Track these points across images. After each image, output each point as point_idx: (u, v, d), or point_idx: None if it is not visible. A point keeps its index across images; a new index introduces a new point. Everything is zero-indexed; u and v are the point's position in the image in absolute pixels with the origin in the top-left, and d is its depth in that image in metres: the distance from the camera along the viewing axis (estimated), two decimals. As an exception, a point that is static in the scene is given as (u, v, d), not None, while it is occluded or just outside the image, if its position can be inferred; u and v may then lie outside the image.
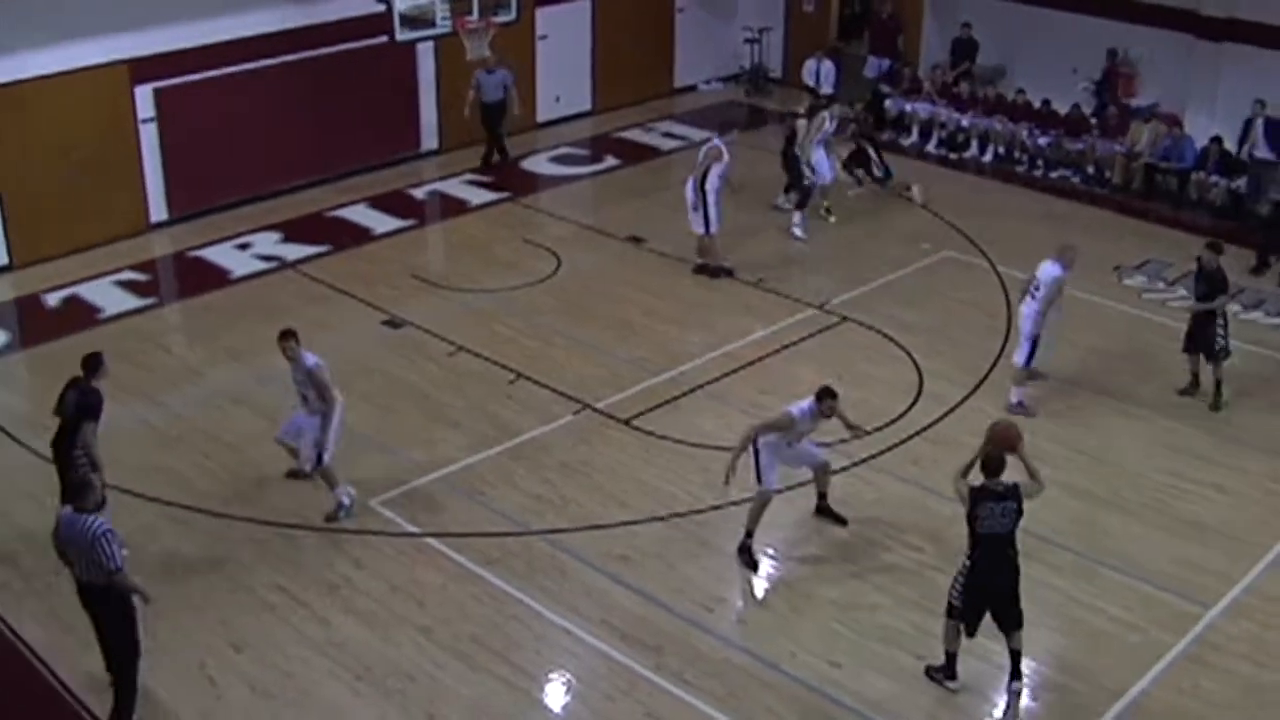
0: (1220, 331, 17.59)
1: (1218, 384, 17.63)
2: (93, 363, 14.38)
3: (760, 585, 14.30)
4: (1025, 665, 12.80)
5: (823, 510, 15.37)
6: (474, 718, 12.34)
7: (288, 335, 14.79)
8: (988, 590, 12.24)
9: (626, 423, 17.17)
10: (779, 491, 14.72)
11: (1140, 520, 15.23)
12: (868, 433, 15.63)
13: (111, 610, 11.88)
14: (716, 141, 21.33)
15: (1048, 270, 17.01)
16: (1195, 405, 17.49)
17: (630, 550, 14.68)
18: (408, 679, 12.76)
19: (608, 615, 13.63)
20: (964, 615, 12.40)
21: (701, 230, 21.03)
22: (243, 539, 14.88)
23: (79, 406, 14.26)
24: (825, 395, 14.29)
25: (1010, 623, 12.28)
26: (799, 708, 12.44)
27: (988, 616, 12.32)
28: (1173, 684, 12.75)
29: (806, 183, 22.95)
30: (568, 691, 12.75)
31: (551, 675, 12.94)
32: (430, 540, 14.87)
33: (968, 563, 12.27)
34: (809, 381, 15.97)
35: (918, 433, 16.89)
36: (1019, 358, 17.36)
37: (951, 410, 17.40)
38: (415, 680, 12.74)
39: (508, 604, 13.81)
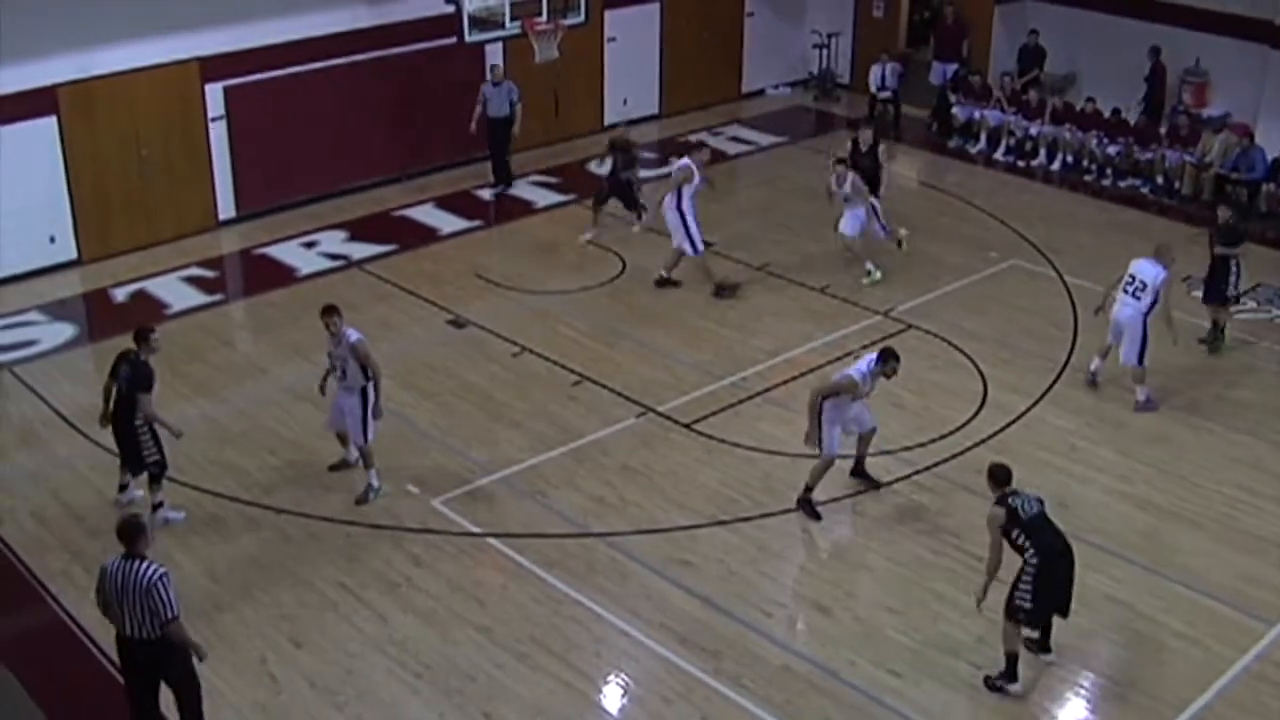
0: (1233, 280, 18.97)
1: (1221, 329, 19.27)
2: (142, 334, 14.71)
3: (820, 592, 14.24)
4: (1085, 678, 12.82)
5: (858, 473, 15.84)
6: (532, 718, 12.35)
7: (331, 311, 15.12)
8: (1061, 587, 12.40)
9: (688, 426, 17.15)
10: (842, 456, 14.99)
11: (1206, 534, 15.08)
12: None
13: (170, 661, 11.21)
14: (686, 161, 21.00)
15: (1150, 272, 17.17)
16: (1268, 421, 17.32)
17: (690, 554, 14.66)
18: (467, 678, 12.78)
19: (666, 619, 13.62)
20: (1035, 618, 12.47)
21: (690, 251, 20.83)
22: (305, 535, 14.97)
23: (131, 381, 14.55)
24: (889, 357, 14.98)
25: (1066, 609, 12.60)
26: (857, 716, 12.38)
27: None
28: (1234, 700, 12.62)
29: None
30: (625, 694, 12.74)
31: (609, 677, 12.93)
32: (491, 540, 14.90)
33: (1032, 567, 12.19)
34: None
35: (981, 442, 16.78)
36: (1132, 358, 17.41)
37: (1016, 419, 17.29)
38: (474, 680, 12.76)
39: (567, 605, 13.82)
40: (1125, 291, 17.34)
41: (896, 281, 20.95)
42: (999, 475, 12.55)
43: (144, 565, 10.83)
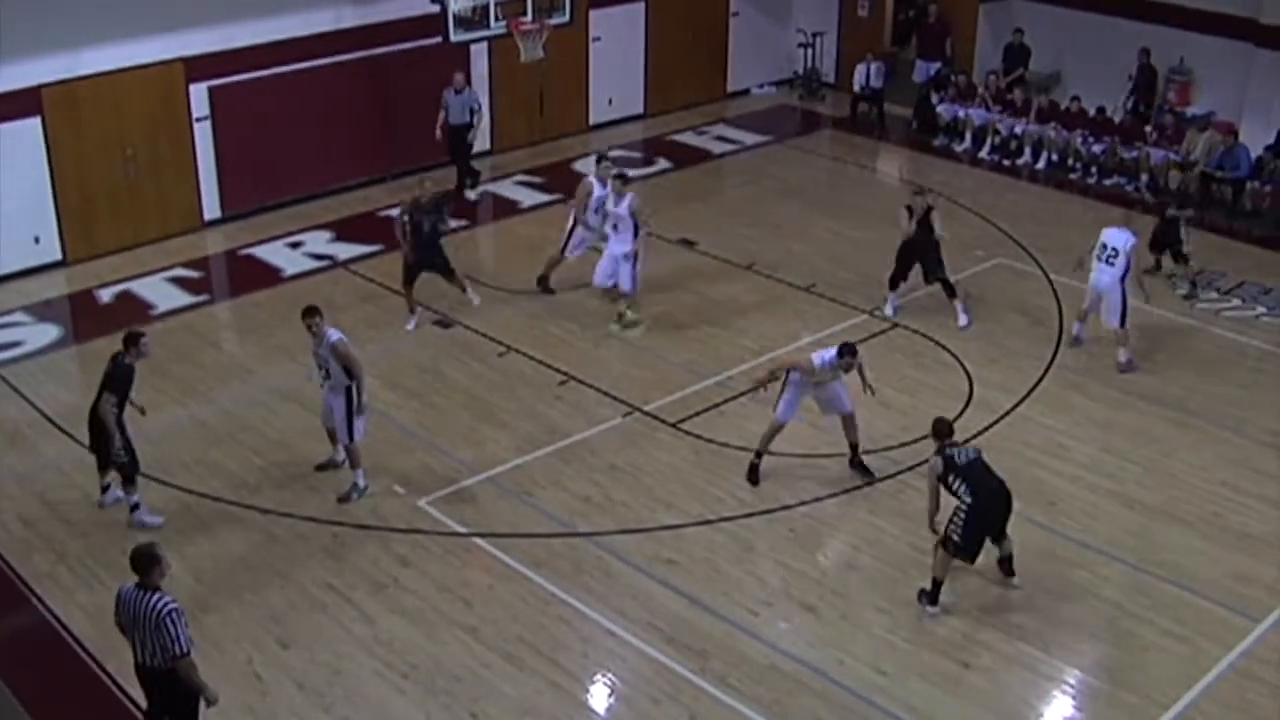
0: (1183, 239, 20.61)
1: (1193, 282, 20.76)
2: (131, 338, 14.69)
3: (808, 591, 14.24)
4: (1073, 675, 12.84)
5: (855, 464, 16.11)
6: (519, 718, 12.34)
7: (312, 312, 15.20)
8: (993, 521, 13.52)
9: (675, 426, 17.15)
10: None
11: (1194, 532, 15.10)
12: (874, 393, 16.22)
13: (174, 699, 11.07)
14: (588, 177, 20.64)
15: (1120, 239, 18.21)
16: (1254, 419, 17.35)
17: (677, 553, 14.66)
18: (453, 679, 12.77)
19: (654, 618, 13.62)
20: (967, 549, 13.44)
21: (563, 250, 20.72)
22: (291, 536, 14.95)
23: (105, 376, 14.61)
24: (846, 352, 15.47)
25: (1002, 536, 13.76)
26: (845, 714, 12.38)
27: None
28: (1221, 698, 12.64)
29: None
30: (612, 694, 12.74)
31: (596, 677, 12.93)
32: (478, 540, 14.89)
33: (966, 506, 13.28)
34: (858, 388, 15.92)
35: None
36: (1114, 321, 18.35)
37: (1002, 418, 17.31)
38: (461, 680, 12.75)
39: (554, 605, 13.81)
40: (1099, 259, 18.34)
41: (882, 280, 20.91)
42: (939, 429, 13.77)
43: (156, 598, 10.60)
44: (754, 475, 16.03)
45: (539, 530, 15.06)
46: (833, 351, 15.48)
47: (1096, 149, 26.02)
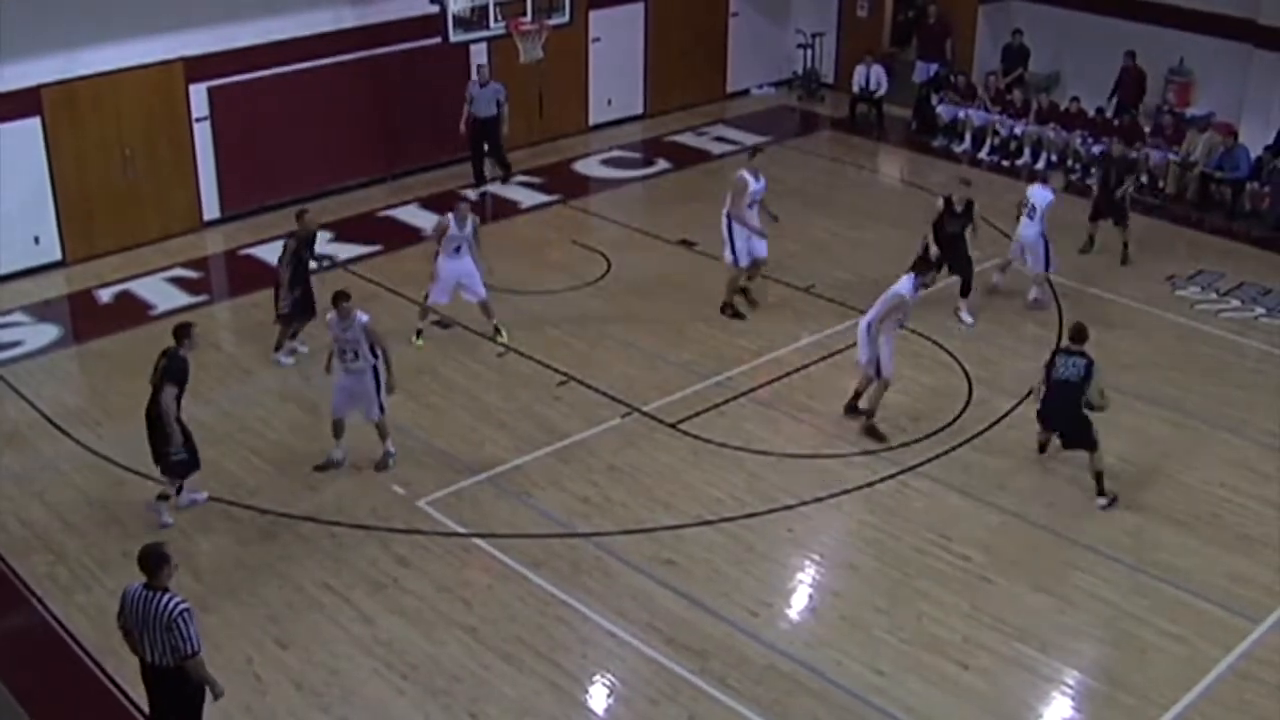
0: (1125, 204, 22.11)
1: (1125, 245, 22.07)
2: (181, 332, 14.87)
3: (806, 592, 14.27)
4: (1071, 677, 12.83)
5: (855, 414, 17.27)
6: (518, 719, 12.34)
7: (344, 296, 15.69)
8: (1050, 420, 15.69)
9: (674, 426, 17.15)
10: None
11: (1192, 533, 15.10)
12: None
13: (180, 698, 10.99)
14: (741, 172, 20.07)
15: (1041, 194, 20.07)
16: (1253, 420, 17.36)
17: (676, 554, 14.66)
18: (453, 679, 12.77)
19: (653, 619, 13.62)
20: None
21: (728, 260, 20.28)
22: (290, 536, 14.95)
23: (164, 371, 14.69)
24: (924, 268, 16.47)
25: (1082, 447, 15.51)
26: (843, 715, 12.38)
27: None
28: (1220, 699, 12.64)
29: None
30: (611, 695, 12.74)
31: (596, 678, 12.93)
32: (477, 541, 14.89)
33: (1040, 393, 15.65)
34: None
35: (966, 441, 16.81)
36: (1040, 267, 20.14)
37: (1002, 418, 17.31)
38: (460, 680, 12.75)
39: (553, 606, 13.81)
40: (1024, 215, 20.14)
41: (880, 281, 20.83)
42: (1074, 333, 15.55)
43: (165, 598, 10.54)
44: (876, 433, 16.79)
45: (538, 531, 15.06)
46: (908, 278, 16.40)
47: (1096, 150, 26.00)
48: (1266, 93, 24.91)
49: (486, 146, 25.28)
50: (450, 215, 18.94)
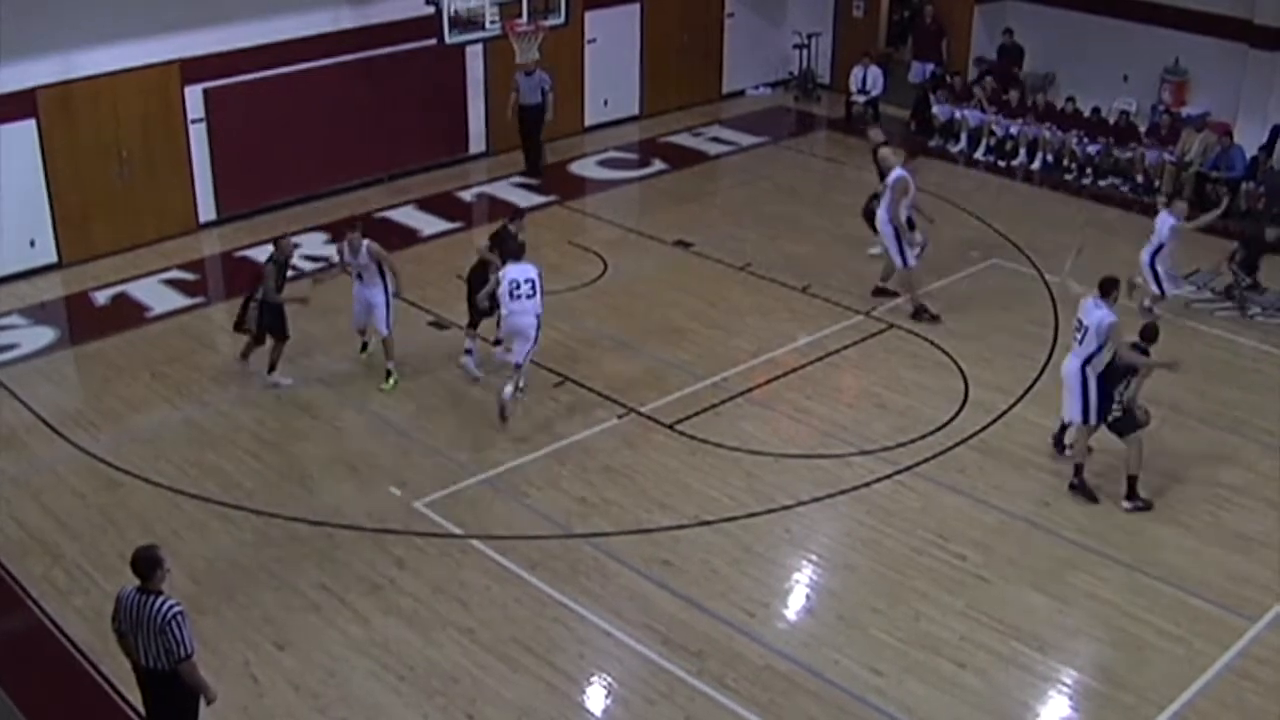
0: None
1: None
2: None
3: (803, 592, 14.26)
4: (1069, 675, 12.84)
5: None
6: (515, 719, 12.34)
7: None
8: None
9: (671, 427, 17.14)
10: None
11: (1190, 532, 15.10)
12: None
13: (174, 701, 10.94)
14: (901, 172, 19.83)
15: (1162, 220, 19.53)
16: (1250, 419, 17.38)
17: (673, 555, 14.66)
18: (450, 680, 12.76)
19: (650, 619, 13.61)
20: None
21: (898, 263, 20.17)
22: (287, 537, 14.94)
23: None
24: (1110, 286, 15.71)
25: (1117, 431, 15.55)
26: (840, 715, 12.38)
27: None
28: (1217, 697, 12.64)
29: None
30: (609, 695, 12.73)
31: (593, 678, 12.92)
32: (474, 542, 14.87)
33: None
34: (854, 388, 15.97)
35: (963, 441, 16.81)
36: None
37: (998, 418, 17.32)
38: (457, 681, 12.74)
39: (550, 606, 13.81)
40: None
41: (873, 278, 20.90)
42: (1145, 333, 15.61)
43: (159, 602, 10.48)
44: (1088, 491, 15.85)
45: (535, 532, 15.05)
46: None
47: (1092, 149, 26.04)
48: (1262, 92, 24.91)
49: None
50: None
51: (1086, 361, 15.42)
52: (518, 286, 16.96)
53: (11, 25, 20.08)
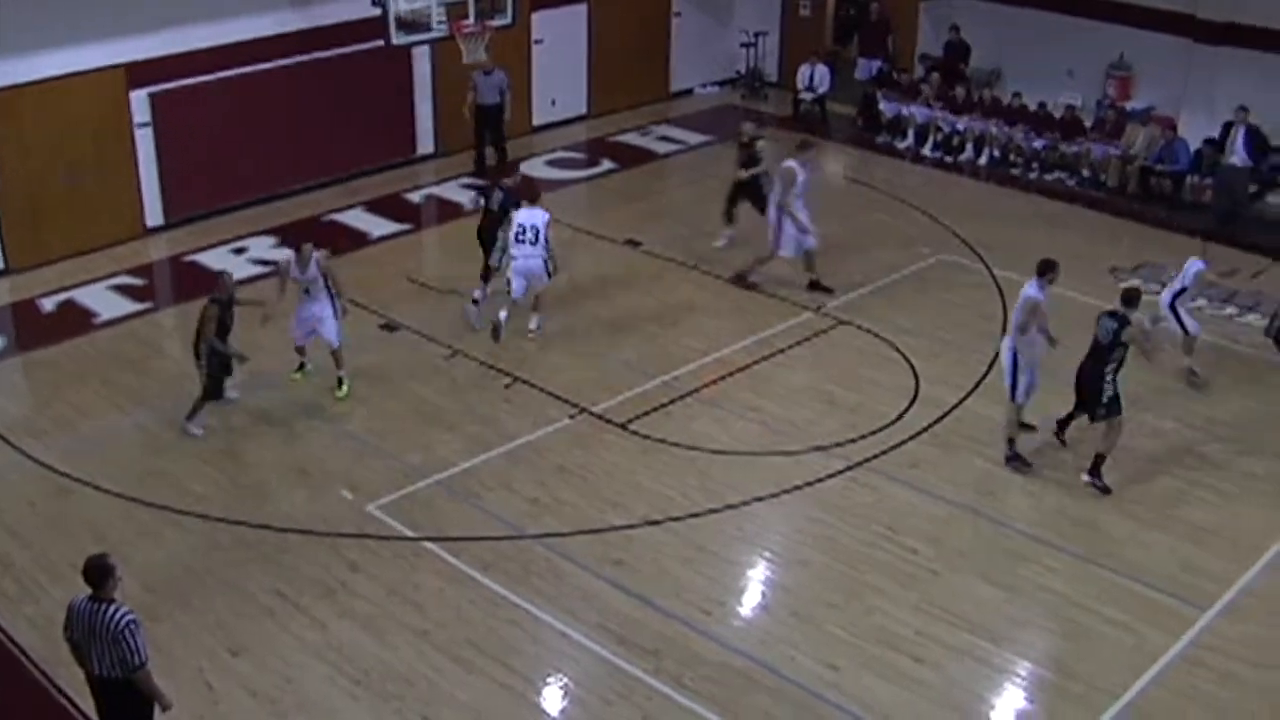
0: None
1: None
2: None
3: (758, 589, 14.31)
4: (1021, 667, 12.92)
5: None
6: (471, 722, 12.36)
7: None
8: (1079, 378, 15.83)
9: (623, 426, 17.16)
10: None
11: (1141, 523, 15.22)
12: None
13: (128, 709, 10.89)
14: (790, 162, 20.32)
15: (1191, 266, 18.45)
16: (1199, 411, 17.51)
17: (626, 554, 14.67)
18: (405, 683, 12.74)
19: (605, 619, 13.62)
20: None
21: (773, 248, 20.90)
22: (239, 543, 14.87)
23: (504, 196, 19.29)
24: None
25: (1090, 413, 15.83)
26: (797, 711, 12.42)
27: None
28: (1169, 685, 12.75)
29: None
30: (565, 695, 12.74)
31: (549, 679, 12.92)
32: (427, 544, 14.85)
33: None
34: (804, 386, 16.02)
35: (914, 436, 16.89)
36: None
37: (948, 413, 17.40)
38: (413, 684, 12.72)
39: (505, 608, 13.80)
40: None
41: (827, 277, 20.95)
42: (1125, 297, 15.72)
43: (112, 610, 10.43)
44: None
45: (488, 533, 15.04)
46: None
47: (1038, 144, 26.21)
48: (1206, 87, 25.11)
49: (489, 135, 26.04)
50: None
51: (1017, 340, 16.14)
52: (523, 231, 18.30)
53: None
